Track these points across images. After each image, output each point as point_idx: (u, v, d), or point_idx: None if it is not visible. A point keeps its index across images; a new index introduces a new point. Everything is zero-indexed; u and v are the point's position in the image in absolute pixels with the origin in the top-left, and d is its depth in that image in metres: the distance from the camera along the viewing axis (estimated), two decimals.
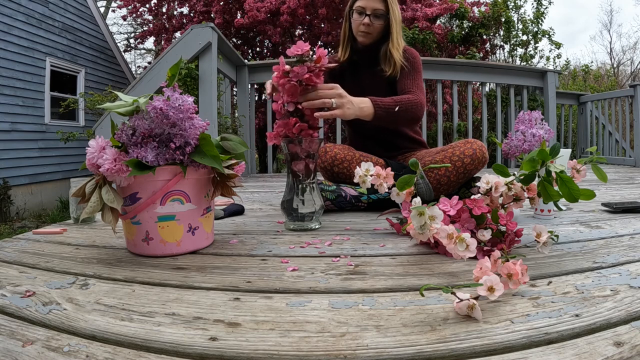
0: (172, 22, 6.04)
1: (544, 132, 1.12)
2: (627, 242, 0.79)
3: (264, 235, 0.91)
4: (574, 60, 14.25)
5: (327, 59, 0.92)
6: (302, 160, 0.95)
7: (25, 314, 0.50)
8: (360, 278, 0.62)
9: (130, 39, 9.67)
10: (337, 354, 0.40)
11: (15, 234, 3.77)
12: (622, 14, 26.49)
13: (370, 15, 1.24)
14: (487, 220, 0.76)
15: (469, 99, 3.08)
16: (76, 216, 1.07)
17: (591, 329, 0.44)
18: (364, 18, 1.24)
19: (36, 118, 5.27)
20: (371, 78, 1.36)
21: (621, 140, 3.70)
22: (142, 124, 0.71)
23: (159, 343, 0.43)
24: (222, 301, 0.54)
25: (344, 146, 1.32)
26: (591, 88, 6.50)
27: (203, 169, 0.77)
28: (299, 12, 5.15)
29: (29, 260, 0.73)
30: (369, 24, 1.24)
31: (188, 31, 2.10)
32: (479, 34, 4.93)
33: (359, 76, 1.37)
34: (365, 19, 1.24)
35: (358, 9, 1.26)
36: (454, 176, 1.21)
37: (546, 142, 0.79)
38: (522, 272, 0.53)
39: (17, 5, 5.00)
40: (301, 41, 0.90)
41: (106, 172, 0.69)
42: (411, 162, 0.81)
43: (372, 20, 1.24)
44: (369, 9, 1.24)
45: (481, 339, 0.42)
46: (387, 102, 1.13)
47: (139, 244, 0.75)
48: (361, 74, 1.37)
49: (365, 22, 1.24)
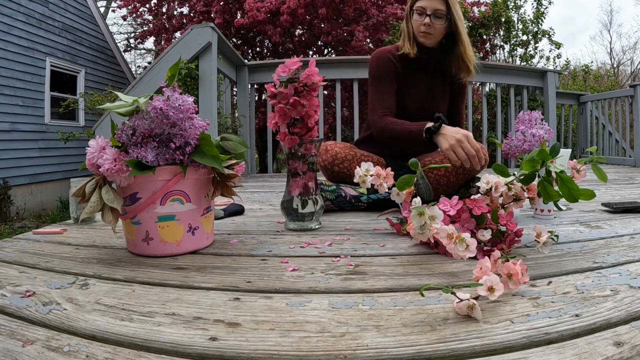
0: (172, 22, 6.04)
1: (544, 132, 1.12)
2: (627, 242, 0.79)
3: (264, 235, 0.91)
4: (574, 60, 14.24)
5: (318, 77, 0.87)
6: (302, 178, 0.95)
7: (25, 314, 0.50)
8: (360, 278, 0.62)
9: (130, 39, 9.67)
10: (337, 354, 0.40)
11: (15, 234, 3.77)
12: (622, 14, 26.49)
13: (430, 16, 1.21)
14: (487, 220, 0.76)
15: (469, 99, 3.08)
16: (76, 216, 1.07)
17: (591, 329, 0.44)
18: (425, 18, 1.22)
19: (36, 118, 5.26)
20: (435, 84, 1.33)
21: (621, 140, 3.70)
22: (142, 124, 0.71)
23: (159, 343, 0.43)
24: (222, 301, 0.54)
25: (344, 145, 1.32)
26: (591, 88, 6.49)
27: (203, 169, 0.77)
28: (299, 12, 5.15)
29: (29, 260, 0.73)
30: (430, 24, 1.21)
31: (188, 31, 2.10)
32: (479, 34, 4.93)
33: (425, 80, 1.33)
34: (426, 19, 1.21)
35: (418, 9, 1.23)
36: (454, 176, 1.21)
37: (546, 142, 0.79)
38: (522, 272, 0.53)
39: (17, 5, 4.99)
40: (291, 59, 0.87)
41: (106, 172, 0.69)
42: (411, 162, 0.81)
43: (432, 21, 1.21)
44: (430, 9, 1.21)
45: (481, 339, 0.42)
46: None
47: (139, 244, 0.75)
48: (427, 79, 1.32)
49: (426, 22, 1.21)
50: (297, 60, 0.87)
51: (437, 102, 1.34)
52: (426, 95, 1.32)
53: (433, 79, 1.33)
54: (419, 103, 1.31)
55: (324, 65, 2.57)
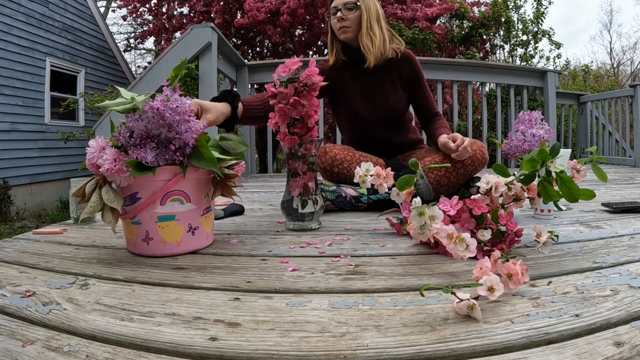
0: (172, 22, 6.04)
1: (544, 132, 1.12)
2: (627, 242, 0.79)
3: (264, 235, 0.91)
4: (574, 60, 14.24)
5: (318, 76, 0.88)
6: (302, 178, 0.95)
7: (25, 314, 0.50)
8: (360, 278, 0.62)
9: (130, 39, 9.66)
10: (337, 354, 0.40)
11: (15, 234, 3.77)
12: (622, 14, 26.50)
13: (341, 10, 1.26)
14: (487, 220, 0.76)
15: (469, 99, 3.08)
16: (76, 216, 1.07)
17: (591, 329, 0.44)
18: (338, 13, 1.27)
19: (36, 118, 5.27)
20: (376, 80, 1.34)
21: (621, 140, 3.70)
22: (138, 126, 0.71)
23: (159, 343, 0.43)
24: (222, 301, 0.54)
25: (343, 146, 1.32)
26: (591, 88, 6.49)
27: (203, 169, 0.77)
28: (299, 12, 5.15)
29: (29, 260, 0.73)
30: (343, 17, 1.26)
31: (188, 31, 2.10)
32: (479, 34, 4.93)
33: (361, 79, 1.35)
34: (338, 13, 1.26)
35: (332, 10, 1.29)
36: (454, 176, 1.21)
37: (546, 142, 0.79)
38: (522, 272, 0.53)
39: (17, 5, 5.00)
40: (291, 59, 0.87)
41: (106, 172, 0.69)
42: (411, 162, 0.81)
43: (344, 14, 1.26)
44: (340, 4, 1.27)
45: (481, 339, 0.42)
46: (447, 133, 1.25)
47: (139, 244, 0.75)
48: (363, 77, 1.35)
49: (338, 16, 1.26)
50: (297, 60, 0.87)
51: (386, 95, 1.34)
52: (369, 92, 1.34)
53: (372, 76, 1.33)
54: (365, 103, 1.33)
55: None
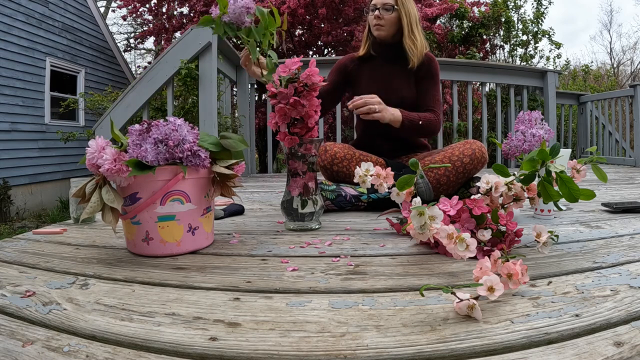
0: (172, 22, 6.03)
1: (544, 132, 1.12)
2: (627, 242, 0.79)
3: (264, 235, 0.91)
4: (574, 60, 14.21)
5: (319, 77, 0.88)
6: (302, 178, 0.95)
7: (25, 314, 0.50)
8: (360, 278, 0.62)
9: (130, 39, 9.65)
10: (337, 354, 0.40)
11: (15, 234, 3.77)
12: (622, 14, 26.47)
13: (379, 9, 1.34)
14: (487, 220, 0.76)
15: (469, 99, 3.08)
16: (76, 216, 1.07)
17: (591, 329, 0.44)
18: (375, 12, 1.35)
19: (36, 118, 5.26)
20: (394, 73, 1.42)
21: (621, 140, 3.69)
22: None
23: (159, 343, 0.43)
24: (222, 301, 0.54)
25: (343, 145, 1.33)
26: (591, 88, 6.49)
27: (203, 169, 0.77)
28: (299, 12, 5.15)
29: (29, 260, 0.73)
30: (380, 16, 1.34)
31: (188, 31, 2.10)
32: (479, 34, 4.93)
33: (380, 70, 1.43)
34: (376, 12, 1.35)
35: (371, 6, 1.38)
36: (454, 176, 1.21)
37: (546, 142, 0.79)
38: (522, 272, 0.53)
39: (17, 5, 4.99)
40: (291, 59, 0.87)
41: (106, 172, 0.69)
42: (411, 162, 0.81)
43: (381, 13, 1.33)
44: (379, 3, 1.35)
45: (481, 339, 0.42)
46: (413, 116, 1.31)
47: (139, 244, 0.75)
48: (382, 68, 1.43)
49: (376, 14, 1.35)
50: (297, 60, 0.87)
51: (398, 87, 1.41)
52: (384, 82, 1.41)
53: (391, 68, 1.42)
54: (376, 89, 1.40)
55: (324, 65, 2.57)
